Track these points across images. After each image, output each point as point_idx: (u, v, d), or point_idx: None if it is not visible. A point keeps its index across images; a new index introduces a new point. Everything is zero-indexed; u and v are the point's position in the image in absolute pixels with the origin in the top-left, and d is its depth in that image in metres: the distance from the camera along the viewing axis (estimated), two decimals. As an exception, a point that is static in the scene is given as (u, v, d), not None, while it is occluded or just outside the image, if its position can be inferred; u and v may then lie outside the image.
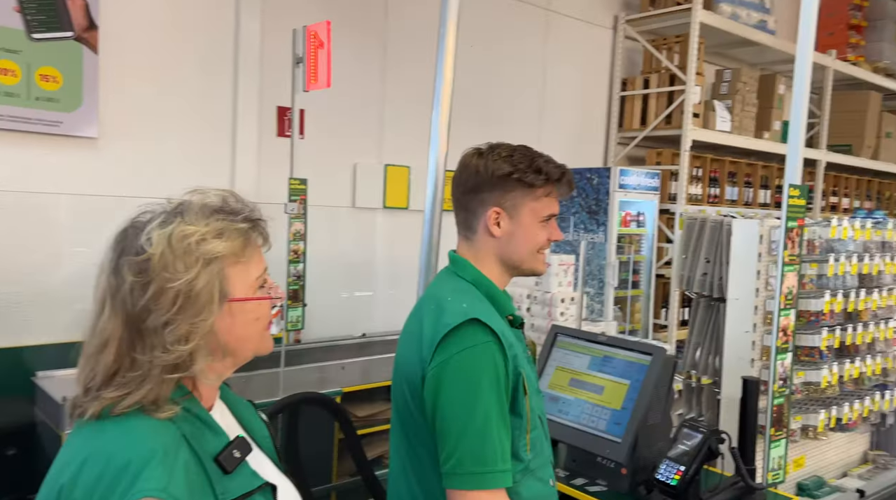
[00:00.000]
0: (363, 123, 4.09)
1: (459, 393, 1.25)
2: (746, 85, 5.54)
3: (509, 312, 1.42)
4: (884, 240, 2.18)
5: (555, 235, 1.46)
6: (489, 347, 1.27)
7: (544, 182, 1.40)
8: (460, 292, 1.37)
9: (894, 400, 2.25)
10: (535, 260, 1.44)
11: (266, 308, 1.04)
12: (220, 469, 0.96)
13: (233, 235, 1.00)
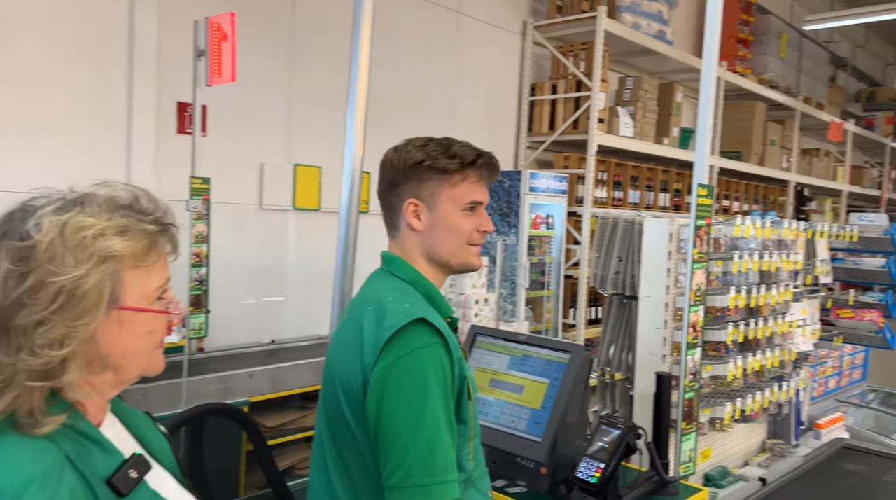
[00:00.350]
0: (270, 121, 3.94)
1: (406, 399, 1.17)
2: (647, 92, 5.77)
3: (448, 313, 1.34)
4: (780, 238, 2.30)
5: (484, 225, 1.36)
6: (436, 349, 1.20)
7: (459, 166, 1.32)
8: (400, 292, 1.30)
9: (790, 391, 2.38)
10: (464, 253, 1.35)
11: (161, 323, 0.93)
12: (114, 493, 0.85)
13: (138, 235, 0.89)
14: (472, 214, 1.35)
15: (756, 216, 2.29)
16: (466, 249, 1.35)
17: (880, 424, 3.24)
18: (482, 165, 1.35)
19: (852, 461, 2.40)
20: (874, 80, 9.79)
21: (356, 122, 1.90)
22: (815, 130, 8.13)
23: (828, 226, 2.52)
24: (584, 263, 5.13)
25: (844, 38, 9.03)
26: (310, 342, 3.84)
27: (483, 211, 1.37)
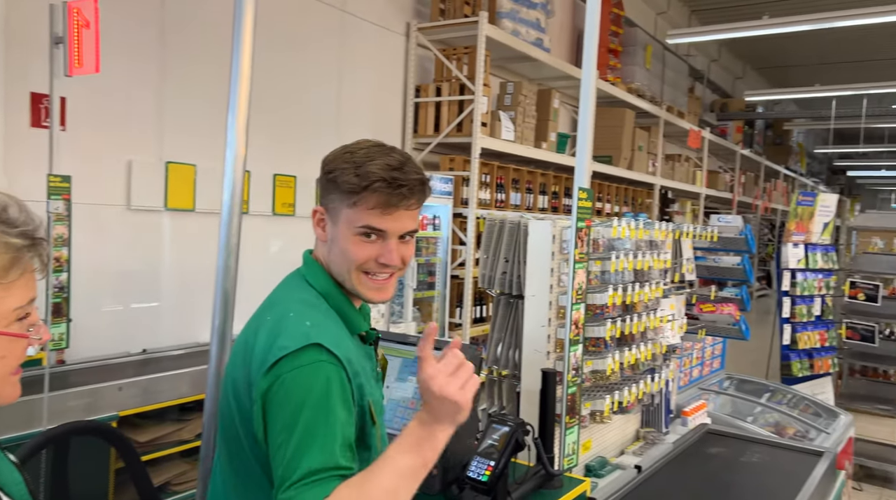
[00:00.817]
0: (139, 116, 3.69)
1: (283, 417, 1.08)
2: (527, 98, 5.97)
3: (360, 329, 1.28)
4: (651, 239, 2.45)
5: (384, 256, 1.22)
6: (321, 366, 1.11)
7: (361, 189, 1.19)
8: (305, 306, 1.21)
9: (661, 382, 2.54)
10: (355, 281, 1.24)
11: (18, 348, 0.85)
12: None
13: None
14: (368, 241, 1.22)
15: (630, 218, 2.42)
16: (358, 277, 1.24)
17: (736, 408, 3.55)
18: (387, 191, 1.19)
19: (715, 444, 2.61)
20: (726, 93, 10.69)
21: (238, 121, 1.82)
22: (676, 136, 8.76)
23: (692, 227, 2.72)
24: (470, 263, 5.22)
25: (700, 53, 9.81)
26: (186, 351, 3.64)
27: (391, 242, 1.23)
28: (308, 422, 1.07)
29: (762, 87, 11.66)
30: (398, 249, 1.24)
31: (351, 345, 1.22)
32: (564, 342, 2.03)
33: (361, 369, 1.21)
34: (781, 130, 11.53)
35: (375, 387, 1.28)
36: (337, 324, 1.22)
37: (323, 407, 1.09)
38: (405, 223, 1.24)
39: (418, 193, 1.24)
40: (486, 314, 5.72)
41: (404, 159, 1.24)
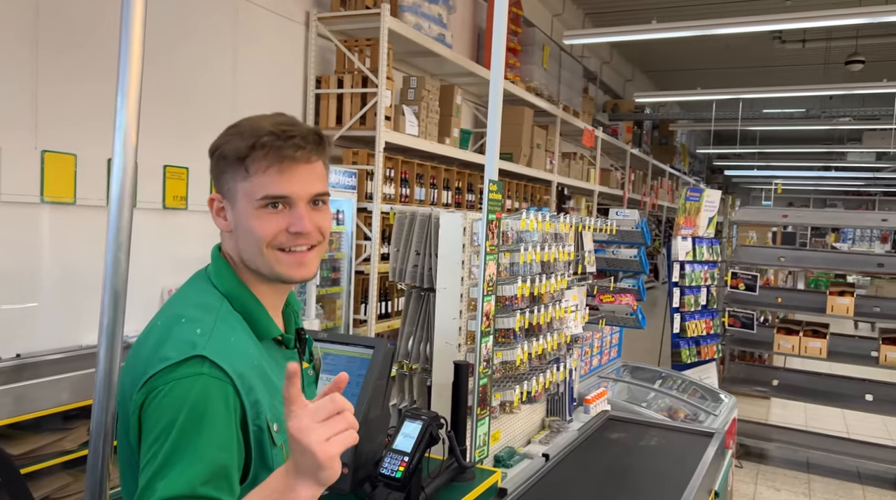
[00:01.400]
0: (9, 101, 3.36)
1: (158, 429, 0.97)
2: (430, 93, 5.97)
3: (271, 334, 1.15)
4: (556, 232, 2.50)
5: (294, 224, 1.09)
6: (200, 379, 0.99)
7: (249, 149, 1.07)
8: (202, 310, 1.08)
9: (566, 371, 2.60)
10: (269, 261, 1.10)
11: None
12: None
13: None
14: (274, 212, 1.09)
15: (534, 211, 2.46)
16: (272, 255, 1.11)
17: (632, 395, 3.71)
18: (277, 144, 1.06)
19: (616, 430, 2.71)
20: (617, 94, 11.19)
21: (128, 104, 1.67)
22: (571, 135, 9.07)
23: (593, 220, 2.81)
24: (375, 258, 5.16)
25: (594, 55, 10.21)
26: (67, 354, 3.36)
27: (299, 207, 1.10)
28: (174, 444, 0.95)
29: (650, 89, 12.30)
30: (310, 215, 1.11)
31: (253, 355, 1.09)
32: (476, 334, 2.04)
33: (261, 382, 1.08)
34: (667, 130, 12.21)
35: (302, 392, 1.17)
36: (238, 330, 1.10)
37: (193, 428, 0.96)
38: (310, 183, 1.11)
39: (314, 144, 1.10)
40: (391, 310, 5.68)
41: (294, 118, 1.13)
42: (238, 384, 1.02)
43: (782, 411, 6.47)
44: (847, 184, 19.66)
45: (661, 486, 2.20)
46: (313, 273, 1.16)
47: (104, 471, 1.57)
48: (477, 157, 6.68)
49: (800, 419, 6.22)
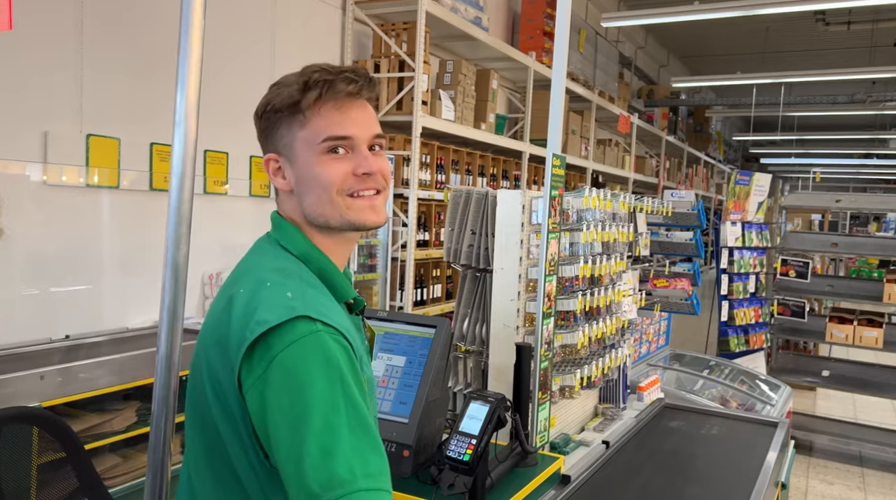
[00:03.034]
0: (56, 86, 3.36)
1: (286, 405, 0.90)
2: (466, 77, 5.89)
3: (346, 296, 1.10)
4: (615, 211, 2.42)
5: (361, 165, 1.05)
6: (319, 336, 0.93)
7: (301, 91, 1.03)
8: (284, 275, 1.03)
9: (624, 356, 2.52)
10: (341, 209, 1.05)
11: None
12: None
13: None
14: (338, 156, 1.05)
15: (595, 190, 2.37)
16: (343, 202, 1.06)
17: (682, 383, 3.61)
18: (329, 79, 1.02)
19: (674, 418, 2.62)
20: (651, 80, 10.97)
21: (188, 101, 1.61)
22: (606, 122, 8.92)
23: (649, 201, 2.71)
24: (411, 245, 5.12)
25: (628, 40, 10.01)
26: (112, 336, 3.37)
27: (362, 149, 1.06)
28: (322, 419, 0.88)
29: (684, 75, 12.05)
30: (372, 158, 1.08)
31: (343, 316, 1.05)
32: (536, 316, 1.96)
33: (355, 340, 1.04)
34: (702, 117, 11.96)
35: (367, 361, 1.13)
36: (324, 293, 1.05)
37: (340, 390, 0.91)
38: (368, 124, 1.08)
39: (364, 78, 1.06)
40: (427, 297, 5.63)
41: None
42: (348, 337, 0.98)
43: (828, 402, 6.29)
44: (888, 172, 19.13)
45: (729, 476, 2.11)
46: (384, 219, 1.11)
47: (166, 449, 1.53)
48: (512, 142, 6.58)
49: (848, 411, 6.04)
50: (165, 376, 1.52)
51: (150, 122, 3.73)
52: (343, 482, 0.86)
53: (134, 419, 3.02)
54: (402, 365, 1.79)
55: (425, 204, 5.65)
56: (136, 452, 3.05)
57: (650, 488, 2.01)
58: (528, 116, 6.97)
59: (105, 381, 2.93)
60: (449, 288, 5.95)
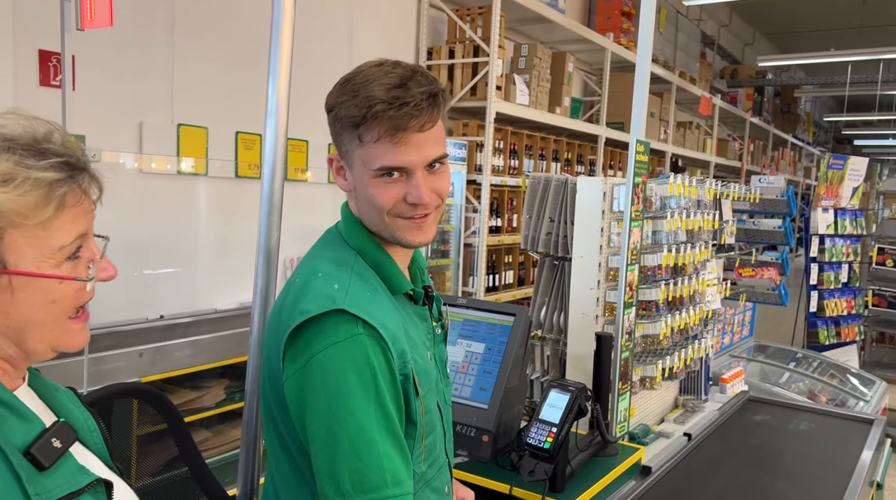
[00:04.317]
0: (149, 80, 3.53)
1: (323, 406, 0.97)
2: (541, 61, 5.81)
3: (403, 288, 1.12)
4: (699, 198, 2.34)
5: (411, 194, 1.05)
6: (359, 340, 0.98)
7: (362, 119, 1.02)
8: (336, 266, 1.07)
9: (707, 347, 2.46)
10: (391, 228, 1.08)
11: (69, 290, 0.77)
12: (34, 464, 0.71)
13: (24, 185, 0.71)
14: (391, 180, 1.05)
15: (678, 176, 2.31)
16: (392, 221, 1.08)
17: (766, 375, 3.48)
18: (389, 115, 1.01)
19: (759, 412, 2.54)
20: (735, 59, 10.51)
21: (279, 91, 1.66)
22: (687, 103, 8.61)
23: (735, 187, 2.62)
24: (483, 231, 5.12)
25: (711, 18, 9.60)
26: (202, 317, 3.54)
27: (417, 176, 1.05)
28: (357, 424, 0.96)
29: (771, 53, 11.46)
30: (427, 182, 1.06)
31: (390, 308, 1.08)
32: (618, 305, 1.94)
33: (403, 333, 1.07)
34: (790, 97, 11.37)
35: (424, 351, 1.14)
36: (373, 284, 1.08)
37: (374, 397, 0.98)
38: (426, 150, 1.05)
39: (428, 109, 1.04)
40: (499, 283, 5.64)
41: (408, 74, 1.05)
42: (384, 334, 1.01)
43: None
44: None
45: (820, 473, 2.03)
46: (431, 237, 1.13)
47: (258, 425, 1.61)
48: (587, 126, 6.46)
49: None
50: (258, 357, 1.59)
51: (235, 111, 3.87)
52: (374, 488, 0.96)
53: (223, 396, 3.17)
54: (482, 352, 1.81)
55: (498, 190, 5.63)
56: (226, 427, 3.21)
57: (735, 482, 1.96)
58: (604, 98, 6.82)
59: (197, 359, 3.10)
60: (521, 275, 5.92)
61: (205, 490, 1.60)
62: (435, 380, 1.17)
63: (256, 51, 3.91)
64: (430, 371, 1.13)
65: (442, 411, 1.18)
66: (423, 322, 1.17)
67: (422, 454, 1.10)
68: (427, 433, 1.11)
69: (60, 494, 0.73)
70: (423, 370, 1.10)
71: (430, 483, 1.14)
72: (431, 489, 1.15)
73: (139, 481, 2.57)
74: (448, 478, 1.23)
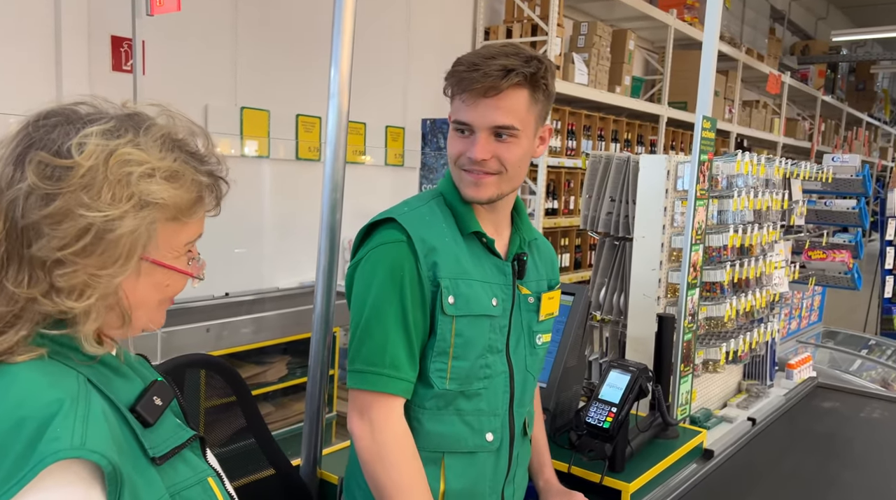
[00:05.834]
0: (214, 65, 3.62)
1: (358, 291, 1.22)
2: (601, 39, 5.68)
3: (471, 228, 1.25)
4: (767, 178, 2.26)
5: (469, 150, 1.19)
6: (399, 246, 1.19)
7: (450, 75, 1.20)
8: (418, 198, 1.30)
9: (773, 331, 2.38)
10: (455, 178, 1.25)
11: (179, 282, 0.83)
12: (140, 421, 0.75)
13: (187, 185, 0.77)
14: (462, 136, 1.21)
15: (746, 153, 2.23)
16: (457, 173, 1.25)
17: (835, 362, 3.35)
18: (460, 75, 1.17)
19: (827, 399, 2.45)
20: (807, 34, 10.04)
21: (341, 76, 1.68)
22: (754, 82, 8.29)
23: (806, 166, 2.51)
24: (539, 213, 5.08)
25: (781, -9, 9.19)
26: (266, 295, 3.65)
27: (479, 135, 1.18)
28: (368, 319, 1.19)
29: (846, 27, 10.89)
30: (490, 145, 1.18)
31: (444, 233, 1.23)
32: (681, 286, 1.90)
33: (449, 255, 1.21)
34: (866, 74, 10.80)
35: (479, 286, 1.23)
36: (437, 215, 1.25)
37: (398, 290, 1.17)
38: (489, 115, 1.17)
39: (497, 78, 1.14)
40: (556, 265, 5.59)
41: (505, 51, 1.17)
42: (417, 246, 1.19)
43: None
44: None
45: (891, 464, 1.95)
46: (487, 196, 1.22)
47: (321, 399, 1.65)
48: (648, 106, 6.29)
49: None
50: (321, 333, 1.63)
51: (295, 94, 3.94)
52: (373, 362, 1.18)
53: (285, 372, 3.27)
54: (540, 331, 1.80)
55: (555, 171, 5.56)
56: (288, 401, 3.31)
57: (801, 469, 1.91)
58: (666, 77, 6.63)
59: (261, 335, 3.19)
60: (577, 258, 5.85)
61: (270, 461, 1.65)
62: (491, 322, 1.24)
63: (317, 35, 3.96)
64: (474, 301, 1.22)
65: (513, 366, 1.28)
66: (498, 272, 1.27)
67: (447, 373, 1.21)
68: (457, 355, 1.21)
69: (168, 448, 0.77)
70: (464, 296, 1.20)
71: (460, 413, 1.23)
72: (460, 418, 1.24)
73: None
74: (495, 426, 1.28)
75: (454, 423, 1.23)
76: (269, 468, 1.64)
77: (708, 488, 1.75)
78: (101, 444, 0.66)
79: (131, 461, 0.72)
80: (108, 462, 0.66)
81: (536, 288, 1.35)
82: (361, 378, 1.18)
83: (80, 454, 0.64)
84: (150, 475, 0.73)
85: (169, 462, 0.77)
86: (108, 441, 0.67)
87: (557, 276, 1.45)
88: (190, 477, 0.79)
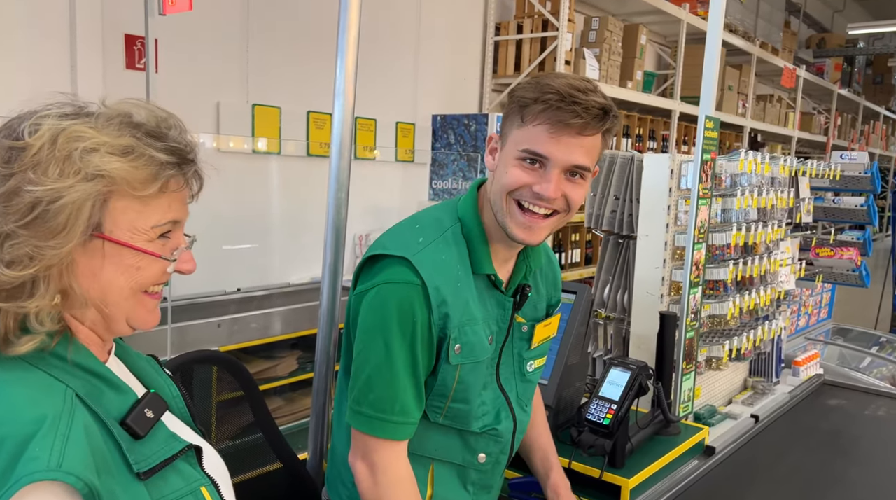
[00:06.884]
0: (225, 61, 3.66)
1: (367, 327, 1.16)
2: (612, 34, 5.66)
3: (484, 270, 1.19)
4: (773, 176, 2.26)
5: (538, 184, 1.10)
6: (413, 289, 1.13)
7: (532, 101, 1.10)
8: (431, 225, 1.19)
9: (779, 329, 2.39)
10: (505, 210, 1.14)
11: (155, 267, 0.83)
12: (130, 434, 0.77)
13: (140, 160, 0.78)
14: (528, 167, 1.12)
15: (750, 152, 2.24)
16: (508, 205, 1.14)
17: (844, 359, 3.35)
18: (557, 106, 1.07)
19: (833, 396, 2.45)
20: (823, 27, 9.92)
21: (347, 67, 1.72)
22: (768, 76, 8.22)
23: (813, 163, 2.51)
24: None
25: (797, -16, 9.08)
26: (276, 291, 3.70)
27: (553, 172, 1.10)
28: (377, 365, 1.14)
29: (864, 20, 10.75)
30: (560, 182, 1.11)
31: (458, 276, 1.17)
32: (683, 285, 1.91)
33: (459, 302, 1.16)
34: (884, 67, 10.66)
35: (480, 329, 1.20)
36: (453, 251, 1.18)
37: (409, 338, 1.13)
38: (574, 154, 1.10)
39: (595, 118, 1.09)
40: (565, 262, 5.59)
41: (592, 87, 1.12)
42: (431, 295, 1.13)
43: None
44: None
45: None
46: (538, 241, 1.17)
47: (328, 394, 1.69)
48: (660, 101, 6.26)
49: None
50: (327, 329, 1.67)
51: (306, 91, 3.97)
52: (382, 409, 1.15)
53: (295, 367, 3.31)
54: (543, 328, 1.82)
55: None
56: (298, 396, 3.35)
57: (804, 466, 1.92)
58: (678, 72, 6.59)
59: (271, 331, 3.24)
60: (588, 253, 5.86)
61: (278, 455, 1.69)
62: (486, 361, 1.23)
63: (327, 32, 3.98)
64: (478, 348, 1.20)
65: (507, 395, 1.28)
66: (499, 308, 1.24)
67: (442, 411, 1.22)
68: (455, 398, 1.21)
69: (157, 461, 0.78)
70: (469, 344, 1.18)
71: (462, 433, 1.26)
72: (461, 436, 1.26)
73: (218, 444, 2.74)
74: (494, 451, 1.30)
75: (451, 436, 1.25)
76: (277, 461, 1.68)
77: (708, 484, 1.77)
78: (78, 465, 0.67)
79: (115, 477, 0.73)
80: (84, 484, 0.67)
81: (533, 314, 1.33)
82: (368, 424, 1.15)
83: (56, 477, 0.65)
84: (135, 490, 0.75)
85: (159, 475, 0.78)
86: (87, 461, 0.68)
87: (559, 294, 1.42)
88: (182, 488, 0.81)
